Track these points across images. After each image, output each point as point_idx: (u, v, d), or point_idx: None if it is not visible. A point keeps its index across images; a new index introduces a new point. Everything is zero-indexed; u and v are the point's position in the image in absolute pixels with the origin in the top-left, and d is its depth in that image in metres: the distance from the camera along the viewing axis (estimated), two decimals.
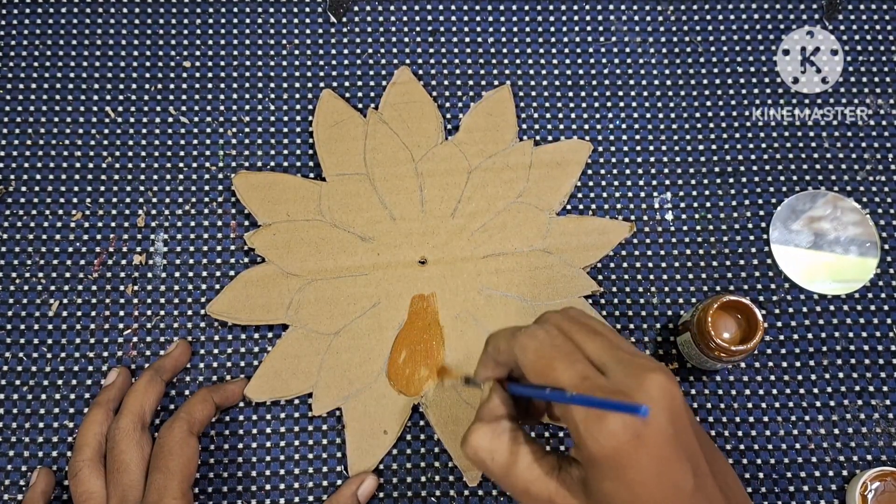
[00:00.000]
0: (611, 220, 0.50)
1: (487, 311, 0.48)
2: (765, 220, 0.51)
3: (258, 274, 0.48)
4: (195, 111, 0.52)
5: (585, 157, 0.51)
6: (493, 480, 0.37)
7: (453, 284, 0.48)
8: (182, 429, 0.42)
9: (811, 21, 0.55)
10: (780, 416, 0.48)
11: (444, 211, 0.50)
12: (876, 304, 0.50)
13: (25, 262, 0.49)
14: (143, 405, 0.43)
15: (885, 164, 0.52)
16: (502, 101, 0.52)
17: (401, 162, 0.50)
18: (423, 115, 0.51)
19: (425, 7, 0.54)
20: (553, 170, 0.51)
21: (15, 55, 0.53)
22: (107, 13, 0.54)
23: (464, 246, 0.49)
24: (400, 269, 0.49)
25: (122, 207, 0.50)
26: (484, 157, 0.51)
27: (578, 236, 0.49)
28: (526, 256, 0.49)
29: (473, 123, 0.51)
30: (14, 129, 0.52)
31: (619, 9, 0.55)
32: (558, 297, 0.48)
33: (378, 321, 0.48)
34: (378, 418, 0.46)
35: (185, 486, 0.41)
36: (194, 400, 0.44)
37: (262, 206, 0.49)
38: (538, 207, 0.50)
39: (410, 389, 0.47)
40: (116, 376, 0.46)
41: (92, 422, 0.43)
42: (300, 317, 0.47)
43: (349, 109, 0.51)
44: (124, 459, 0.41)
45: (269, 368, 0.47)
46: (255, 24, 0.54)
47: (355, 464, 0.46)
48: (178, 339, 0.48)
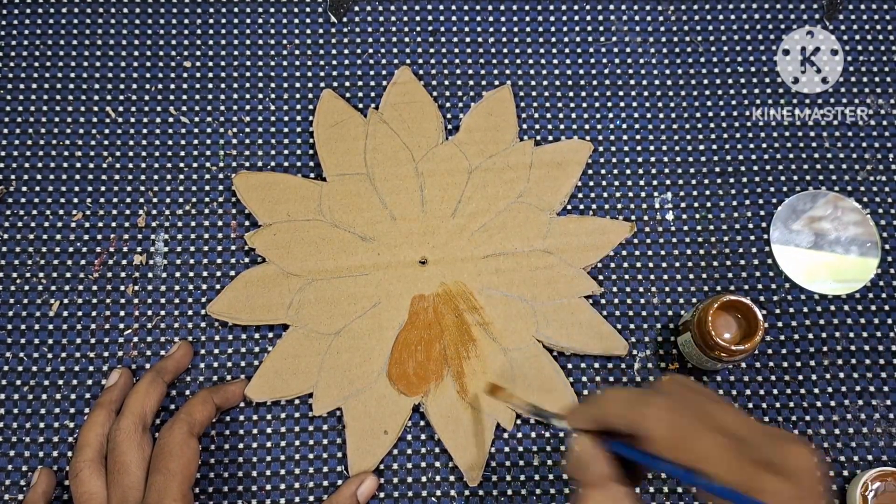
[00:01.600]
0: (611, 221, 0.50)
1: (488, 311, 0.48)
2: (765, 220, 0.51)
3: (258, 274, 0.48)
4: (195, 111, 0.52)
5: (586, 157, 0.51)
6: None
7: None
8: (182, 430, 0.42)
9: (811, 21, 0.55)
10: (780, 416, 0.48)
11: (445, 211, 0.50)
12: (876, 304, 0.50)
13: (26, 262, 0.49)
14: (144, 406, 0.43)
15: (885, 163, 0.52)
16: (503, 100, 0.52)
17: (401, 162, 0.50)
18: (423, 115, 0.51)
19: (425, 7, 0.54)
20: (553, 170, 0.51)
21: (15, 55, 0.53)
22: (107, 13, 0.54)
23: (464, 246, 0.49)
24: (400, 269, 0.49)
25: (122, 207, 0.50)
26: (484, 157, 0.51)
27: (579, 236, 0.49)
28: (526, 256, 0.49)
29: (474, 123, 0.51)
30: (14, 129, 0.52)
31: (619, 9, 0.55)
32: (558, 296, 0.48)
33: (378, 321, 0.48)
34: (378, 418, 0.46)
35: (186, 487, 0.41)
36: (194, 401, 0.44)
37: (263, 206, 0.49)
38: (538, 207, 0.50)
39: (411, 390, 0.47)
40: (118, 377, 0.46)
41: (94, 422, 0.43)
42: (300, 317, 0.47)
43: (350, 109, 0.51)
44: (125, 461, 0.41)
45: (269, 368, 0.47)
46: (255, 24, 0.54)
47: (356, 464, 0.46)
48: (179, 340, 0.48)
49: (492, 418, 0.46)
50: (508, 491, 0.46)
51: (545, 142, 0.52)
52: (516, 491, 0.46)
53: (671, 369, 0.48)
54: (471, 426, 0.46)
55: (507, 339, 0.47)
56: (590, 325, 0.48)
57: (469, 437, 0.46)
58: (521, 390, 0.46)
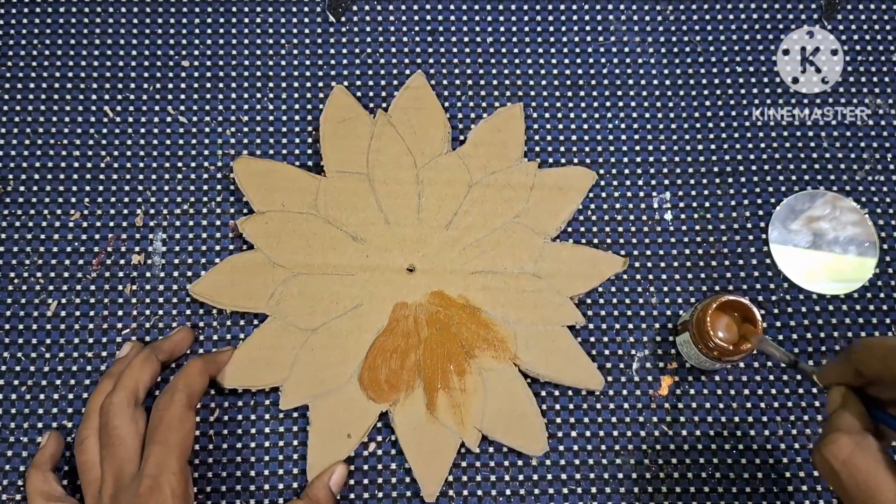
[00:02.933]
0: (605, 253, 0.50)
1: (470, 327, 0.47)
2: (764, 220, 0.51)
3: (245, 260, 0.48)
4: (194, 111, 0.52)
5: (588, 185, 0.51)
6: (837, 496, 0.34)
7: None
8: (182, 402, 0.42)
9: (811, 21, 0.55)
10: (780, 416, 0.48)
11: (440, 221, 0.49)
12: (875, 304, 0.50)
13: (24, 262, 0.49)
14: (137, 381, 0.43)
15: (884, 164, 0.52)
16: (513, 118, 0.52)
17: (403, 167, 0.50)
18: (431, 123, 0.51)
19: (425, 7, 0.54)
20: (554, 194, 0.50)
21: (13, 54, 0.53)
22: (106, 13, 0.54)
23: (454, 259, 0.49)
24: (387, 274, 0.48)
25: (120, 207, 0.50)
26: (487, 173, 0.50)
27: (570, 264, 0.49)
28: (515, 278, 0.48)
29: (481, 138, 0.51)
30: (12, 129, 0.51)
31: (619, 9, 0.55)
32: (542, 322, 0.48)
33: (358, 323, 0.47)
34: (344, 421, 0.46)
35: (184, 461, 0.41)
36: (191, 371, 0.44)
37: (259, 194, 0.49)
38: (534, 230, 0.49)
39: (381, 397, 0.46)
40: (130, 349, 0.46)
41: (101, 391, 0.43)
42: (281, 309, 0.47)
43: (358, 108, 0.51)
44: (119, 434, 0.41)
45: (243, 356, 0.47)
46: (254, 23, 0.54)
47: (314, 464, 0.45)
48: (184, 324, 0.48)
49: (457, 437, 0.46)
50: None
51: (544, 141, 0.52)
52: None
53: (670, 369, 0.48)
54: (435, 442, 0.46)
55: (485, 359, 0.47)
56: (569, 355, 0.47)
57: (432, 452, 0.45)
58: (490, 412, 0.46)
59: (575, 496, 0.46)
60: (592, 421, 0.47)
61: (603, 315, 0.49)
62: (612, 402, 0.48)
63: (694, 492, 0.46)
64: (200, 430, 0.47)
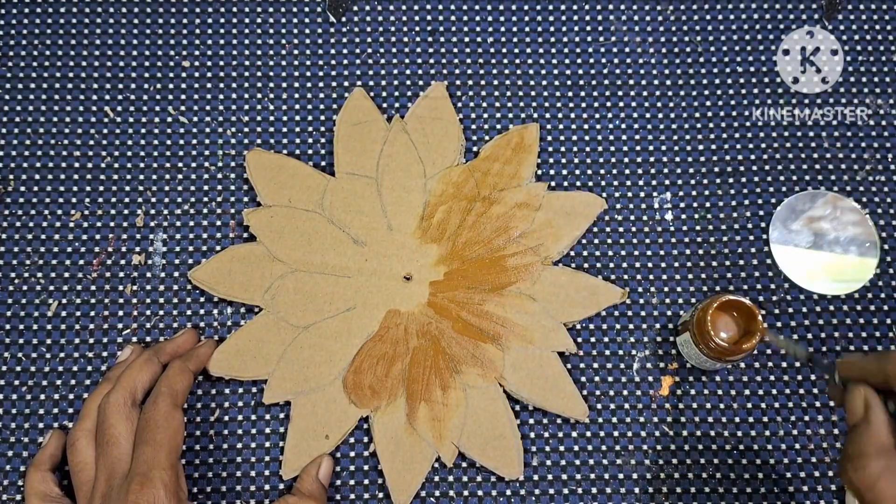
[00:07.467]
0: (604, 283, 0.49)
1: (459, 343, 0.47)
2: (764, 220, 0.51)
3: (245, 251, 0.48)
4: (194, 111, 0.52)
5: (596, 212, 0.50)
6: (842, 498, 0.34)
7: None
8: (166, 402, 0.42)
9: (811, 21, 0.55)
10: (780, 416, 0.48)
11: (442, 233, 0.49)
12: (876, 304, 0.50)
13: (24, 262, 0.49)
14: (136, 382, 0.43)
15: (884, 164, 0.52)
16: (528, 138, 0.51)
17: (412, 175, 0.50)
18: (445, 134, 0.51)
19: (425, 7, 0.54)
20: (560, 218, 0.50)
21: (14, 55, 0.53)
22: (106, 13, 0.54)
23: (452, 272, 0.49)
24: (384, 280, 0.48)
25: (121, 207, 0.50)
26: (495, 190, 0.50)
27: (568, 290, 0.49)
28: (511, 297, 0.48)
29: (493, 154, 0.51)
30: (13, 129, 0.52)
31: (619, 9, 0.55)
32: (531, 345, 0.47)
33: (349, 326, 0.47)
34: (324, 422, 0.46)
35: (174, 457, 0.41)
36: (171, 373, 0.44)
37: (268, 187, 0.49)
38: (535, 252, 0.49)
39: (363, 402, 0.46)
40: (130, 353, 0.46)
41: (99, 394, 0.43)
42: (275, 303, 0.47)
43: (375, 111, 0.51)
44: (114, 433, 0.41)
45: (232, 346, 0.47)
46: (255, 23, 0.54)
47: (290, 461, 0.45)
48: (186, 325, 0.48)
49: (433, 450, 0.46)
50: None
51: (543, 142, 0.52)
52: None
53: (670, 369, 0.48)
54: (411, 453, 0.45)
55: (471, 376, 0.47)
56: (555, 382, 0.47)
57: (406, 462, 0.45)
58: (469, 429, 0.46)
59: (575, 496, 0.46)
60: (593, 421, 0.47)
61: (604, 315, 0.49)
62: (612, 401, 0.48)
63: (694, 492, 0.46)
64: (188, 430, 0.47)
